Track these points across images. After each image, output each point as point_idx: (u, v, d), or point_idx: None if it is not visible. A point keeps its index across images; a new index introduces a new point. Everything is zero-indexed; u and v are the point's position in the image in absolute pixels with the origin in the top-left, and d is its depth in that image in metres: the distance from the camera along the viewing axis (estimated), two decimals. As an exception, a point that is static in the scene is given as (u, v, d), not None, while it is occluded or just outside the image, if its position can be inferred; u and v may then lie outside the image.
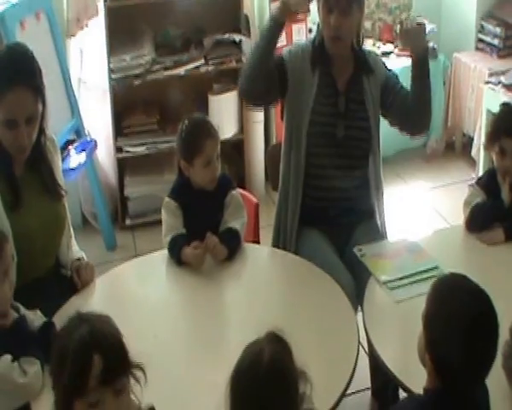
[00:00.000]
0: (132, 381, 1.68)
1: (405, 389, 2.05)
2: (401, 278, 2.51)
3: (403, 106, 2.88)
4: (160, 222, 4.32)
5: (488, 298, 1.69)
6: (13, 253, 2.27)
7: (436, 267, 2.52)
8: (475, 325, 1.64)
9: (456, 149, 5.44)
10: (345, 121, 2.86)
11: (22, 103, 2.36)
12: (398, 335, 2.32)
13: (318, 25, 2.89)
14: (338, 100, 2.85)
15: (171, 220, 2.73)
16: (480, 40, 5.16)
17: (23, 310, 2.21)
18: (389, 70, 2.99)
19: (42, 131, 2.50)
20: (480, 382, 1.70)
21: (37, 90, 2.40)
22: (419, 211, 4.65)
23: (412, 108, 2.86)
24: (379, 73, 2.93)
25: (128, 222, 4.70)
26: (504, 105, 3.01)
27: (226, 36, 4.54)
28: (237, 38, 4.52)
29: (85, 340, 1.60)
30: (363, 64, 2.90)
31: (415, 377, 1.83)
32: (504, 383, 1.95)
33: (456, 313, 1.66)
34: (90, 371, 1.56)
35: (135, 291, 2.62)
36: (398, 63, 4.91)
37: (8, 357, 2.04)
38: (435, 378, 1.70)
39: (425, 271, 2.51)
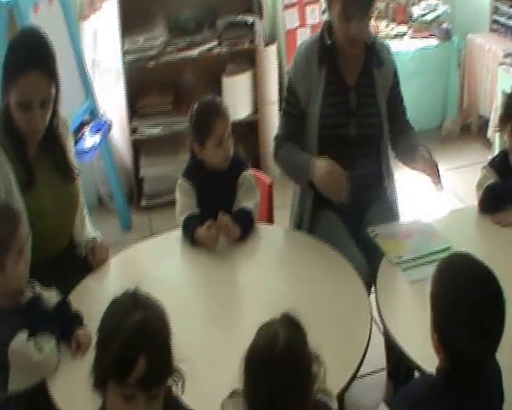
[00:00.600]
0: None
1: (419, 370, 2.05)
2: (414, 259, 2.51)
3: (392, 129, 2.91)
4: (175, 202, 4.38)
5: (493, 276, 1.69)
6: (27, 232, 2.29)
7: (449, 248, 2.52)
8: (480, 304, 1.64)
9: (472, 130, 5.41)
10: (356, 119, 2.82)
11: (36, 87, 2.38)
12: (412, 315, 2.32)
13: (326, 23, 2.84)
14: (349, 96, 2.81)
15: (184, 200, 2.75)
16: (495, 21, 5.12)
17: (39, 288, 2.24)
18: (397, 75, 2.95)
19: (55, 113, 2.51)
20: (489, 360, 1.70)
21: (51, 74, 2.42)
22: (435, 193, 4.62)
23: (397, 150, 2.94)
24: (389, 65, 2.90)
25: (143, 203, 4.72)
26: None
27: (239, 17, 4.52)
28: (250, 19, 4.51)
29: (136, 335, 1.57)
30: (374, 56, 2.85)
31: (428, 357, 1.82)
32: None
33: (461, 291, 1.67)
34: (132, 371, 1.54)
35: (149, 270, 2.63)
36: (412, 45, 4.93)
37: (23, 334, 2.06)
38: (444, 358, 1.71)
39: (438, 251, 2.51)
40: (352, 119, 2.82)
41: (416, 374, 2.18)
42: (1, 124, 2.47)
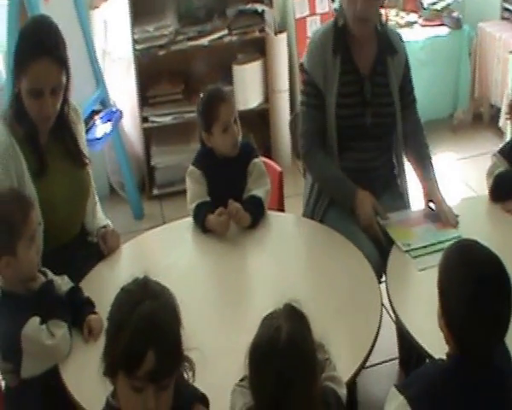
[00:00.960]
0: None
1: (429, 357, 2.05)
2: (424, 247, 2.52)
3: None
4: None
5: (499, 262, 1.69)
6: (39, 219, 2.31)
7: (459, 236, 2.52)
8: (486, 290, 1.64)
9: (484, 119, 5.38)
10: (371, 109, 2.82)
11: (47, 74, 2.39)
12: (422, 303, 2.30)
13: (341, 6, 2.84)
14: (364, 86, 2.81)
15: (195, 188, 2.76)
16: (505, 9, 5.07)
17: (51, 275, 2.26)
18: (408, 64, 2.94)
19: (65, 100, 2.53)
20: (497, 345, 1.70)
21: (62, 62, 2.44)
22: (447, 182, 4.60)
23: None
24: (401, 54, 2.89)
25: (155, 192, 4.74)
26: None
27: (249, 6, 4.52)
28: (260, 8, 4.50)
29: (144, 330, 1.56)
30: (387, 44, 2.85)
31: (439, 344, 1.82)
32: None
33: (467, 277, 1.67)
34: (141, 365, 1.54)
35: (160, 258, 2.65)
36: (423, 34, 4.91)
37: (36, 319, 2.09)
38: (453, 345, 1.71)
39: (448, 240, 2.50)
40: (368, 109, 2.82)
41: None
42: (12, 111, 2.49)
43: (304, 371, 1.59)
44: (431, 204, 2.76)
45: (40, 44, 2.40)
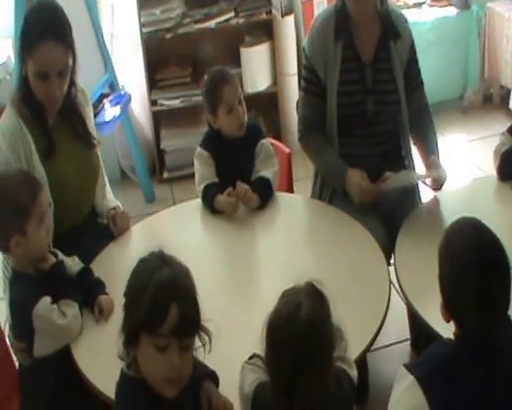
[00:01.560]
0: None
1: (438, 337, 2.04)
2: None
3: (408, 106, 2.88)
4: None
5: (498, 241, 1.69)
6: (48, 200, 2.34)
7: None
8: (482, 269, 1.64)
9: (494, 101, 5.35)
10: (373, 96, 2.80)
11: (53, 57, 2.40)
12: (431, 283, 2.27)
13: None
14: (365, 74, 2.78)
15: (203, 170, 2.78)
16: (515, -11, 5.03)
17: (61, 256, 2.28)
18: (413, 48, 2.90)
19: (72, 82, 2.54)
20: (498, 326, 1.70)
21: (68, 44, 2.44)
22: (457, 164, 4.60)
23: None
24: (406, 37, 2.84)
25: (166, 175, 4.77)
26: None
27: (255, -12, 4.51)
28: (266, -11, 4.49)
29: (167, 285, 1.59)
30: (390, 28, 2.80)
31: (448, 324, 1.81)
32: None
33: (463, 256, 1.68)
34: (166, 318, 1.56)
35: (170, 238, 2.65)
36: (431, 14, 4.89)
37: (47, 299, 2.11)
38: (454, 325, 1.73)
39: None
40: (370, 96, 2.80)
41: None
42: (19, 94, 2.50)
43: (321, 351, 1.61)
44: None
45: (46, 27, 2.41)
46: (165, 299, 1.57)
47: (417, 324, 2.74)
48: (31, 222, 2.14)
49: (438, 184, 2.70)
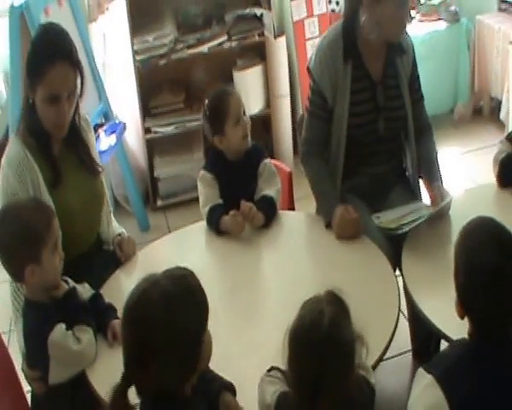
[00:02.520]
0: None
1: (448, 340, 2.11)
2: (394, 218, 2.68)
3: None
4: (191, 201, 4.43)
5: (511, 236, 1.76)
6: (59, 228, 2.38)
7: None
8: (498, 266, 1.71)
9: (485, 113, 5.47)
10: (384, 113, 2.85)
11: (64, 78, 2.46)
12: (439, 289, 2.35)
13: (350, 17, 2.82)
14: (376, 92, 2.82)
15: (207, 192, 2.83)
16: (503, 1, 5.14)
17: (72, 283, 2.31)
18: (415, 61, 2.97)
19: (76, 109, 2.59)
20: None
21: (77, 64, 2.50)
22: (451, 176, 4.68)
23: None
24: (409, 52, 2.92)
25: (159, 203, 4.81)
26: None
27: (247, 10, 4.60)
28: (258, 11, 4.58)
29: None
30: (397, 45, 2.85)
31: (457, 329, 1.89)
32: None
33: (479, 254, 1.74)
34: None
35: (176, 261, 2.68)
36: (421, 29, 4.99)
37: (62, 326, 2.15)
38: (469, 323, 1.79)
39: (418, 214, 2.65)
40: (381, 114, 2.84)
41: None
42: (24, 124, 2.54)
43: (344, 356, 1.66)
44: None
45: (56, 49, 2.46)
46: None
47: (421, 333, 2.82)
48: (46, 250, 2.17)
49: (445, 213, 2.72)
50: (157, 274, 1.68)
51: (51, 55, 2.43)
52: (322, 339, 1.64)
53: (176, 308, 1.62)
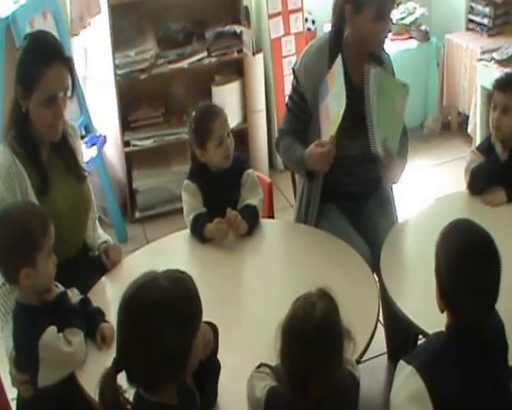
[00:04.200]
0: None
1: (426, 336, 2.19)
2: None
3: None
4: (169, 213, 4.46)
5: (489, 237, 1.85)
6: None
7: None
8: (476, 262, 1.81)
9: (452, 127, 5.59)
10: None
11: (61, 77, 2.49)
12: (416, 289, 2.45)
13: (336, 27, 2.90)
14: (357, 98, 2.84)
15: (191, 201, 2.86)
16: (471, 20, 5.27)
17: (61, 287, 2.31)
18: (393, 69, 3.08)
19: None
20: (487, 316, 1.87)
21: (70, 63, 2.54)
22: (421, 188, 4.79)
23: None
24: (387, 64, 3.02)
25: (137, 215, 4.81)
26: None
27: (227, 28, 4.63)
28: (238, 29, 4.62)
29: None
30: (376, 58, 2.93)
31: (435, 325, 1.97)
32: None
33: (459, 251, 1.84)
34: None
35: (160, 268, 2.72)
36: (393, 47, 5.06)
37: (53, 328, 2.16)
38: (448, 315, 1.88)
39: None
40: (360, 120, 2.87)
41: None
42: (14, 132, 2.54)
43: (334, 345, 1.74)
44: None
45: (51, 50, 2.49)
46: None
47: (397, 335, 2.89)
48: (41, 254, 2.18)
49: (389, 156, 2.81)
50: (157, 272, 1.71)
51: (47, 57, 2.46)
52: (315, 328, 1.71)
53: (171, 306, 1.65)
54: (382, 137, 2.80)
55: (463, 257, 1.82)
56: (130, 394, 1.74)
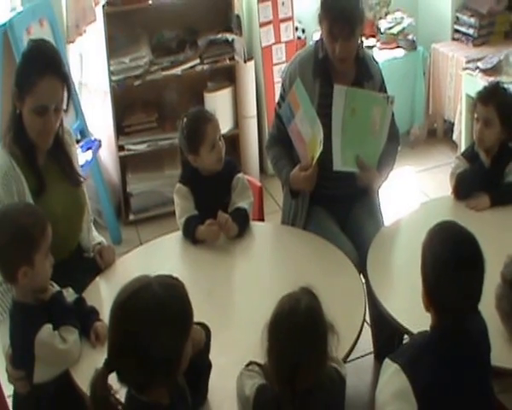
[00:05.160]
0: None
1: (411, 335, 2.21)
2: None
3: None
4: (162, 215, 4.46)
5: (473, 238, 1.89)
6: None
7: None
8: (461, 261, 1.84)
9: (438, 134, 5.63)
10: None
11: (53, 91, 2.50)
12: (402, 290, 2.49)
13: (321, 39, 2.92)
14: None
15: (183, 204, 2.88)
16: (456, 31, 5.32)
17: (57, 287, 2.34)
18: (384, 85, 3.10)
19: (61, 123, 2.63)
20: (472, 314, 1.90)
21: (65, 79, 2.54)
22: (407, 193, 4.83)
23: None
24: (378, 77, 3.03)
25: (131, 217, 4.83)
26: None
27: (219, 36, 4.66)
28: (230, 37, 4.65)
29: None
30: (364, 70, 2.96)
31: (420, 325, 2.00)
32: (499, 322, 2.15)
33: (445, 251, 1.87)
34: None
35: (154, 268, 2.72)
36: (381, 56, 5.09)
37: (49, 326, 2.18)
38: (433, 314, 1.91)
39: None
40: None
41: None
42: (11, 135, 2.55)
43: (319, 339, 1.77)
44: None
45: (46, 63, 2.50)
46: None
47: (383, 335, 2.91)
48: (39, 254, 2.20)
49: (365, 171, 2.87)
50: (150, 277, 1.73)
51: (42, 68, 2.47)
52: (301, 322, 1.75)
53: (163, 311, 1.67)
54: (353, 155, 2.84)
55: (449, 255, 1.86)
56: (121, 395, 1.75)
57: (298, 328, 1.75)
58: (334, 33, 2.78)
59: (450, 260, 1.85)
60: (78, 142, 4.17)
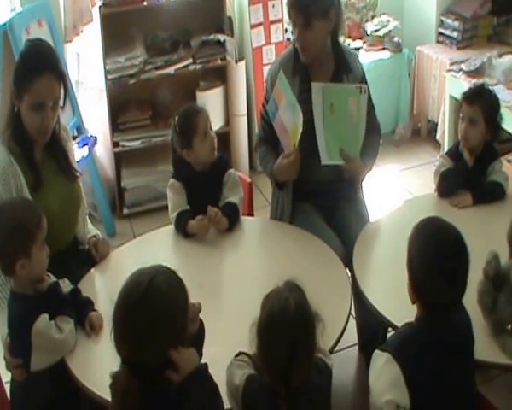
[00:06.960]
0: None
1: (395, 328, 2.21)
2: None
3: None
4: (155, 210, 4.46)
5: (458, 233, 1.91)
6: None
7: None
8: (446, 255, 1.86)
9: (422, 134, 5.65)
10: None
11: (50, 88, 2.50)
12: (386, 284, 2.49)
13: None
14: None
15: (176, 198, 2.88)
16: (441, 34, 5.34)
17: (53, 278, 2.33)
18: (365, 81, 3.07)
19: (57, 120, 2.63)
20: (456, 306, 1.92)
21: (62, 77, 2.55)
22: (391, 190, 4.85)
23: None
24: (357, 71, 3.03)
25: (125, 211, 4.83)
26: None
27: (211, 37, 4.66)
28: (221, 38, 4.65)
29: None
30: (343, 63, 2.97)
31: (404, 319, 2.00)
32: (481, 317, 2.16)
33: (430, 245, 1.89)
34: None
35: (149, 261, 2.73)
36: (367, 58, 5.13)
37: (46, 316, 2.19)
38: (419, 306, 1.93)
39: None
40: None
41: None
42: (10, 131, 2.56)
43: (310, 333, 1.78)
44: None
45: (44, 61, 2.50)
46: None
47: (368, 328, 2.92)
48: (35, 246, 2.21)
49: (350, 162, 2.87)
50: (149, 269, 1.79)
51: (40, 67, 2.48)
52: (293, 321, 1.75)
53: (176, 298, 1.77)
54: (338, 148, 2.85)
55: (434, 248, 1.88)
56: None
57: (291, 328, 1.74)
58: (292, 19, 2.82)
59: (436, 250, 1.86)
60: (74, 138, 4.20)
